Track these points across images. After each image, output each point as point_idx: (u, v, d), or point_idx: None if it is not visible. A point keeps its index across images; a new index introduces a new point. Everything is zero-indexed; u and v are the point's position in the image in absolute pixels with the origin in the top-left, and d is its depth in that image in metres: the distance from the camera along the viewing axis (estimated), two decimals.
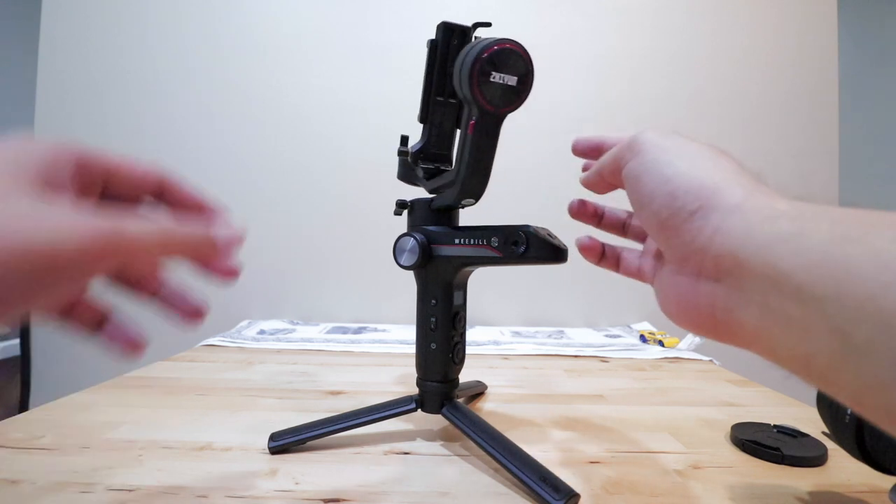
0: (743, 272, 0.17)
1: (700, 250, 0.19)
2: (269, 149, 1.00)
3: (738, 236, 0.17)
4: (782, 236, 0.16)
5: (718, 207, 0.18)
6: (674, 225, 0.20)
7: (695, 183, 0.20)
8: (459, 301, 0.37)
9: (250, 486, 0.31)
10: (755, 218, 0.17)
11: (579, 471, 0.34)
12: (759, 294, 0.16)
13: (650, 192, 0.21)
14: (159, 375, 0.57)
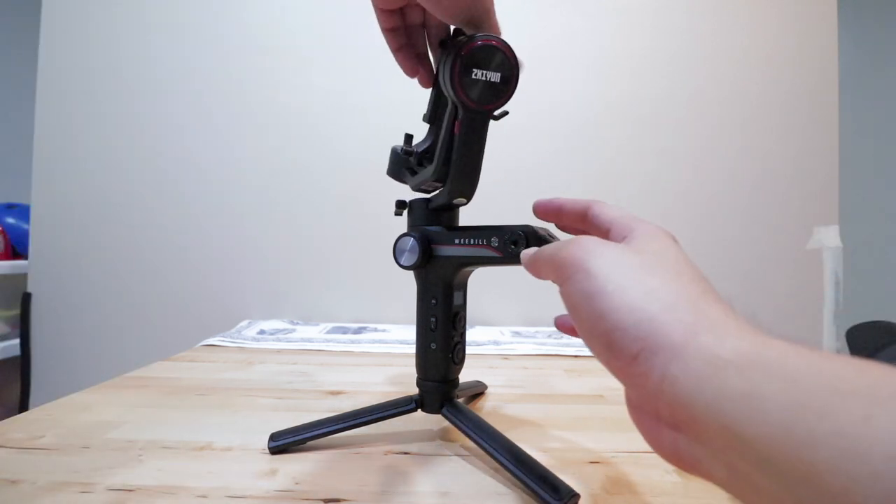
0: (700, 429, 0.15)
1: (653, 396, 0.17)
2: (269, 149, 1.00)
3: (685, 388, 0.16)
4: (733, 396, 0.14)
5: (660, 350, 0.16)
6: (620, 367, 0.18)
7: (630, 319, 0.17)
8: (459, 301, 0.37)
9: (250, 486, 0.31)
10: (699, 368, 0.15)
11: (579, 471, 0.34)
12: (722, 454, 0.15)
13: (588, 329, 0.19)
14: (159, 375, 0.57)
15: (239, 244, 0.99)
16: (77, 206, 1.00)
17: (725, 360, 0.15)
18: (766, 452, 0.13)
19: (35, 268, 1.00)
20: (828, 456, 0.12)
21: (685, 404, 0.16)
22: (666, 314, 0.17)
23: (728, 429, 0.14)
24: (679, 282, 0.19)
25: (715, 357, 0.15)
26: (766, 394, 0.13)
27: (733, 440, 0.14)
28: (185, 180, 1.00)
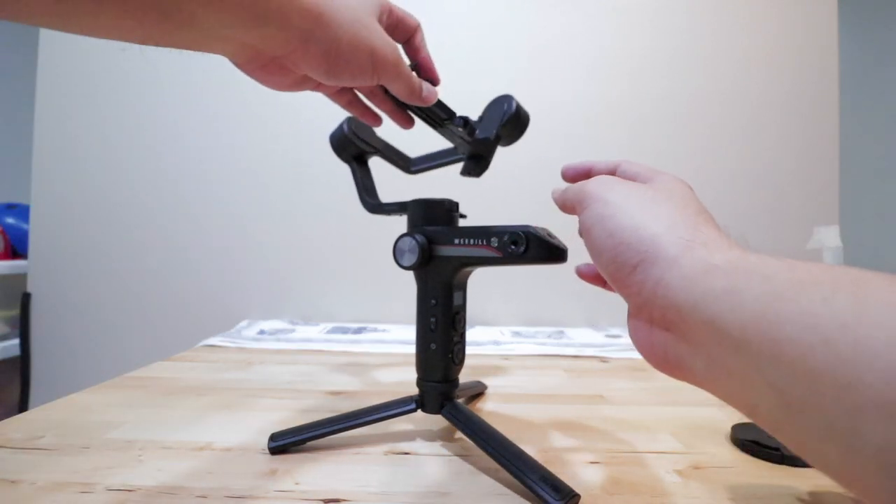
0: (686, 325, 0.18)
1: (647, 302, 0.20)
2: (269, 148, 1.00)
3: (677, 290, 0.18)
4: (718, 293, 0.16)
5: (657, 261, 0.19)
6: (621, 278, 0.21)
7: (634, 237, 0.20)
8: (459, 301, 0.37)
9: (250, 486, 0.31)
10: (692, 273, 0.18)
11: (579, 471, 0.34)
12: (703, 347, 0.17)
13: (598, 246, 0.22)
14: (159, 375, 0.57)
15: (239, 244, 0.99)
16: (77, 206, 1.00)
17: (714, 266, 0.17)
18: (741, 337, 0.15)
19: (35, 268, 1.00)
20: (790, 332, 0.14)
21: (676, 305, 0.18)
22: (666, 232, 0.20)
23: (710, 322, 0.16)
24: (683, 210, 0.21)
25: (705, 263, 0.18)
26: (744, 289, 0.16)
27: (714, 331, 0.16)
28: (185, 180, 1.00)
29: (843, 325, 0.13)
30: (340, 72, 0.28)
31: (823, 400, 0.13)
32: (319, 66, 0.27)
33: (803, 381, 0.13)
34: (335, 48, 0.27)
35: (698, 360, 0.18)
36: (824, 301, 0.13)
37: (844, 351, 0.12)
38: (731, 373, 0.16)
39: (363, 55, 0.28)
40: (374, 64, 0.29)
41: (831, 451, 0.13)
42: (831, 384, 0.12)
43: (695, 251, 0.19)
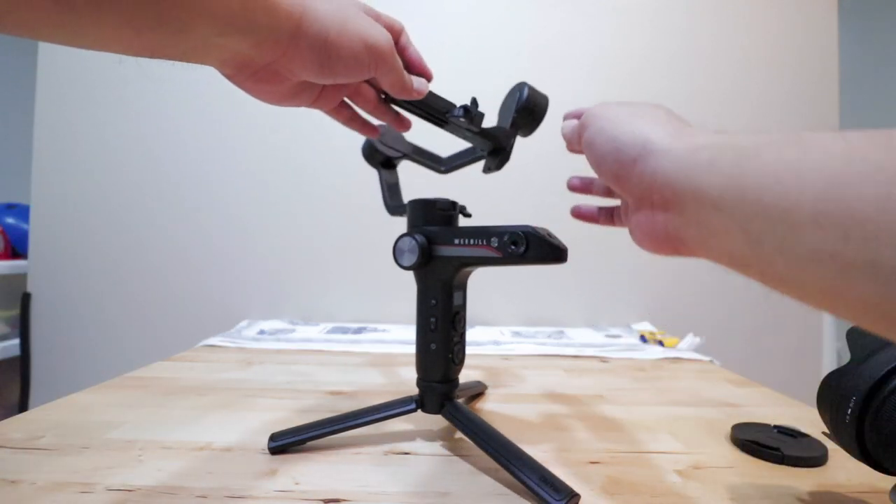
0: (680, 199, 0.21)
1: (647, 189, 0.23)
2: (269, 148, 1.00)
3: (671, 172, 0.22)
4: (702, 165, 0.20)
5: (653, 152, 0.23)
6: (624, 174, 0.24)
7: (631, 137, 0.24)
8: (459, 301, 0.37)
9: (250, 486, 0.31)
10: (681, 154, 0.22)
11: (579, 471, 0.34)
12: (693, 214, 0.21)
13: (602, 154, 0.26)
14: (159, 375, 0.57)
15: (239, 244, 0.99)
16: (77, 206, 1.00)
17: (698, 145, 0.21)
18: (719, 196, 0.19)
19: (35, 268, 1.00)
20: (753, 180, 0.18)
21: (671, 183, 0.22)
22: (657, 130, 0.24)
23: (696, 190, 0.20)
24: (668, 119, 0.25)
25: (691, 145, 0.21)
26: (721, 157, 0.19)
27: (699, 198, 0.20)
28: (185, 180, 1.00)
29: (789, 166, 0.17)
30: (334, 64, 0.28)
31: (774, 225, 0.17)
32: (312, 64, 0.27)
33: (761, 215, 0.17)
34: (323, 41, 0.27)
35: (691, 228, 0.21)
36: (779, 153, 0.17)
37: (789, 185, 0.16)
38: (714, 230, 0.20)
39: (356, 44, 0.28)
40: (368, 52, 0.28)
41: (782, 265, 0.17)
42: (779, 211, 0.16)
43: (682, 138, 0.22)
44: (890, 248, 0.14)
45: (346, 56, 0.28)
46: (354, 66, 0.29)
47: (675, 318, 0.96)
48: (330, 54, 0.27)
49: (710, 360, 0.69)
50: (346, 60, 0.28)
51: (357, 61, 0.28)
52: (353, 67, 0.29)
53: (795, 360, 0.98)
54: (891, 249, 0.14)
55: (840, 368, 0.29)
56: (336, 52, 0.27)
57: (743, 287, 0.98)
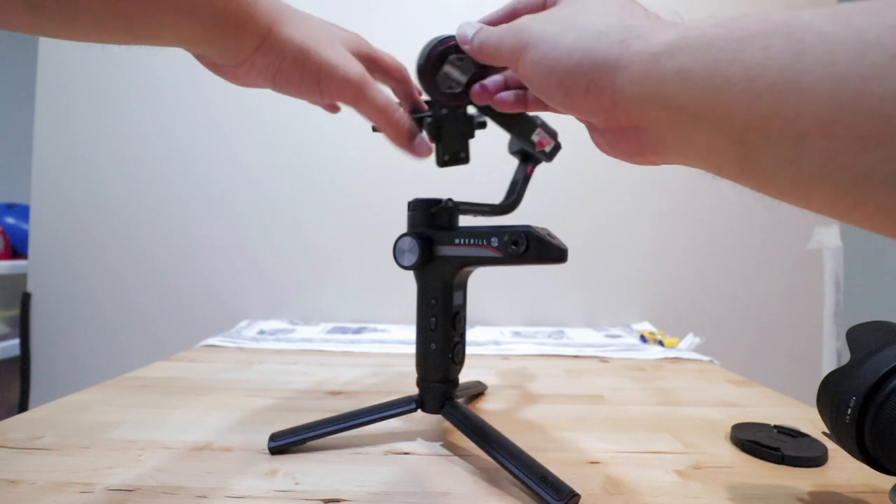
0: (650, 116, 0.19)
1: (610, 112, 0.20)
2: (269, 148, 1.00)
3: (632, 91, 0.19)
4: (669, 77, 0.17)
5: (604, 75, 0.19)
6: (578, 104, 0.21)
7: (571, 63, 0.20)
8: (459, 301, 0.37)
9: (250, 487, 0.31)
10: (639, 69, 0.18)
11: (579, 471, 0.34)
12: (668, 128, 0.19)
13: (546, 88, 0.22)
14: (159, 375, 0.57)
15: (239, 244, 0.99)
16: (77, 206, 1.00)
17: (656, 54, 0.18)
18: (697, 108, 0.17)
19: (35, 268, 1.00)
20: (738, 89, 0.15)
21: (636, 102, 0.19)
22: (598, 43, 0.20)
23: (668, 104, 0.18)
24: (605, 10, 0.21)
25: (647, 55, 0.18)
26: (690, 65, 0.17)
27: (674, 111, 0.18)
28: (185, 180, 1.00)
29: (783, 67, 0.14)
30: (284, 85, 0.30)
31: (773, 137, 0.15)
32: (265, 80, 0.30)
33: (755, 128, 0.15)
34: (278, 63, 0.29)
35: (668, 141, 0.19)
36: (764, 50, 0.14)
37: (787, 90, 0.14)
38: (696, 143, 0.18)
39: (308, 72, 0.29)
40: (319, 81, 0.29)
41: (785, 177, 0.15)
42: (779, 122, 0.14)
43: (633, 48, 0.19)
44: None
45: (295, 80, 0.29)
46: (305, 91, 0.30)
47: (675, 318, 0.96)
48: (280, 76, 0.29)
49: (710, 360, 0.69)
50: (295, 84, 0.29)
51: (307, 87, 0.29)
52: (304, 92, 0.30)
53: (795, 360, 0.98)
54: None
55: (840, 368, 0.29)
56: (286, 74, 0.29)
57: (743, 287, 0.99)
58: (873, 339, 0.28)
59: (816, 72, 0.13)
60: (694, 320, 0.96)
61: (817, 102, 0.13)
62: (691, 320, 0.96)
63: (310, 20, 0.30)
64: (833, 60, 0.13)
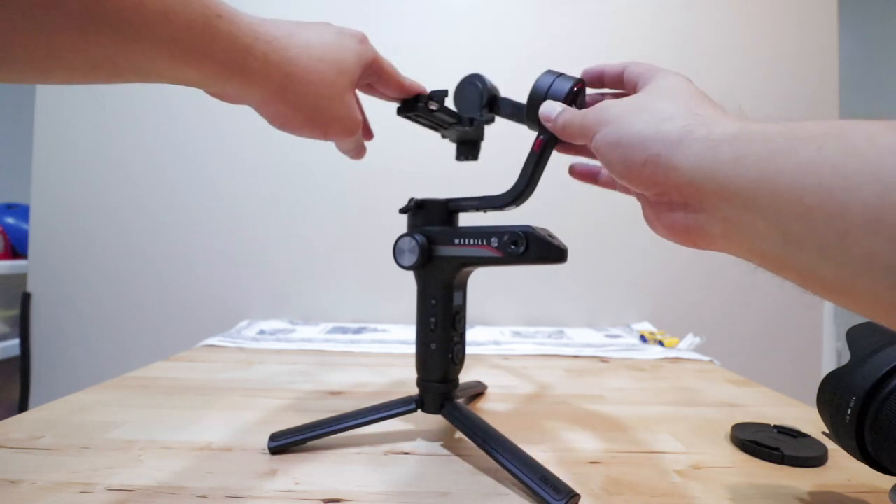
0: (702, 197, 0.20)
1: (663, 188, 0.22)
2: (269, 148, 1.00)
3: (688, 170, 0.20)
4: (726, 162, 0.19)
5: (662, 152, 0.21)
6: (635, 176, 0.23)
7: (638, 139, 0.23)
8: (459, 301, 0.37)
9: (250, 487, 0.31)
10: (698, 152, 0.20)
11: (579, 471, 0.34)
12: (718, 212, 0.20)
13: (610, 159, 0.24)
14: (159, 375, 0.57)
15: (239, 244, 0.99)
16: (77, 206, 1.00)
17: (717, 141, 0.19)
18: (749, 195, 0.18)
19: (35, 268, 1.00)
20: (789, 181, 0.16)
21: (690, 182, 0.20)
22: (663, 125, 0.22)
23: (722, 188, 0.19)
24: (677, 99, 0.23)
25: (708, 141, 0.20)
26: (748, 154, 0.18)
27: (726, 196, 0.19)
28: (185, 180, 1.00)
29: (834, 166, 0.15)
30: (290, 129, 0.31)
31: (818, 230, 0.15)
32: (273, 122, 0.30)
33: (801, 218, 0.16)
34: (290, 113, 0.29)
35: (715, 224, 0.20)
36: (818, 150, 0.16)
37: (835, 187, 0.15)
38: (743, 228, 0.19)
39: (318, 126, 0.31)
40: (326, 130, 0.31)
41: (827, 271, 0.16)
42: (824, 216, 0.15)
43: (696, 133, 0.20)
44: None
45: (305, 130, 0.31)
46: (309, 136, 0.31)
47: (675, 318, 0.96)
48: (291, 124, 0.30)
49: (710, 360, 0.69)
50: (301, 132, 0.31)
51: (312, 134, 0.31)
52: (308, 136, 0.32)
53: (795, 360, 0.98)
54: None
55: (840, 368, 0.29)
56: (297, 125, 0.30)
57: (743, 287, 0.98)
58: (873, 339, 0.28)
59: (865, 173, 0.14)
60: (694, 320, 0.96)
61: (862, 201, 0.14)
62: (691, 320, 0.96)
63: (320, 61, 0.29)
64: (880, 162, 0.14)
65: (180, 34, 0.21)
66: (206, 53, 0.22)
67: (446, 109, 0.37)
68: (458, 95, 0.39)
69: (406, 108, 0.37)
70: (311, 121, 0.30)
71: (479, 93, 0.38)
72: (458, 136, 0.43)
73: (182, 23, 0.21)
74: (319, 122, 0.30)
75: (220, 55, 0.23)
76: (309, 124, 0.30)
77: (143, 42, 0.20)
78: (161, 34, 0.20)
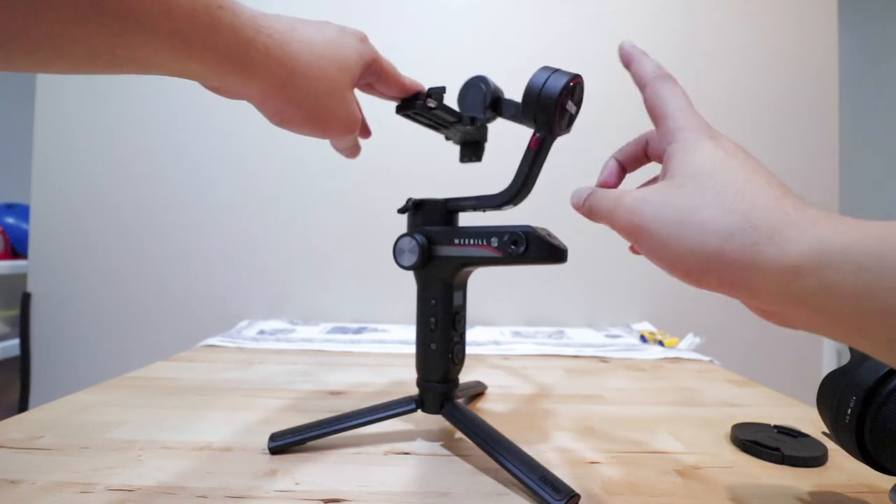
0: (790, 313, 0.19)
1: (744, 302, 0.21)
2: (269, 148, 1.00)
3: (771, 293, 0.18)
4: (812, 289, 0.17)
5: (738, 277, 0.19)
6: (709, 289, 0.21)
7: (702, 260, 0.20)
8: (459, 301, 0.37)
9: (250, 486, 0.31)
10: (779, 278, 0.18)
11: (579, 471, 0.34)
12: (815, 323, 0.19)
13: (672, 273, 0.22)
14: (159, 375, 0.57)
15: (239, 244, 0.99)
16: (77, 206, 1.00)
17: (798, 266, 0.17)
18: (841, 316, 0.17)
19: (35, 268, 1.00)
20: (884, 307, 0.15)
21: (775, 300, 0.19)
22: (726, 244, 0.19)
23: (812, 308, 0.17)
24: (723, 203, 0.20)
25: (787, 267, 0.18)
26: (837, 283, 0.16)
27: (816, 314, 0.18)
28: (185, 180, 1.00)
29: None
30: (290, 127, 0.30)
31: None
32: (273, 118, 0.30)
33: None
34: (291, 111, 0.29)
35: (819, 328, 0.19)
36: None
37: None
38: (836, 336, 0.18)
39: (318, 124, 0.30)
40: (325, 128, 0.31)
41: None
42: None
43: (767, 255, 0.18)
44: None
45: (305, 128, 0.30)
46: (308, 134, 0.31)
47: (675, 318, 0.96)
48: (292, 122, 0.30)
49: (710, 360, 0.69)
50: (301, 130, 0.31)
51: (312, 133, 0.31)
52: (307, 134, 0.31)
53: (795, 360, 0.98)
54: None
55: (840, 368, 0.29)
56: (297, 123, 0.30)
57: None
58: None
59: None
60: (694, 320, 0.96)
61: None
62: (691, 320, 0.96)
63: (321, 57, 0.28)
64: None
65: (182, 25, 0.20)
66: (207, 45, 0.22)
67: (445, 107, 0.37)
68: (462, 97, 0.39)
69: (404, 107, 0.37)
70: (311, 118, 0.29)
71: (483, 94, 0.38)
72: (461, 138, 0.43)
73: (184, 13, 0.20)
74: (319, 119, 0.30)
75: (221, 47, 0.23)
76: (309, 121, 0.30)
77: (144, 33, 0.19)
78: (162, 25, 0.20)
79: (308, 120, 0.30)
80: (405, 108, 0.37)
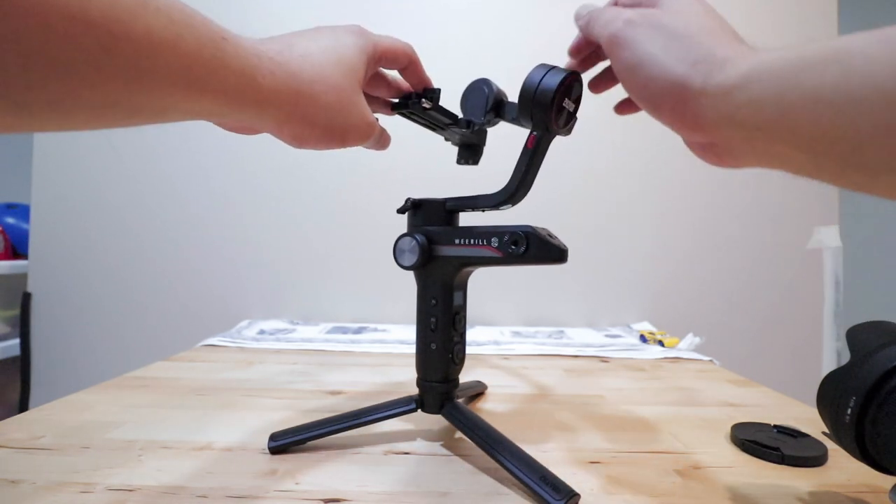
0: (727, 135, 0.23)
1: (690, 130, 0.24)
2: (269, 148, 1.00)
3: (710, 116, 0.22)
4: (741, 104, 0.21)
5: (688, 101, 0.23)
6: (664, 119, 0.25)
7: (664, 84, 0.24)
8: (459, 301, 0.37)
9: (250, 486, 0.31)
10: (716, 99, 0.22)
11: (579, 471, 0.34)
12: (745, 144, 0.22)
13: (636, 94, 0.26)
14: (159, 375, 0.57)
15: (239, 244, 0.99)
16: (77, 206, 1.00)
17: (732, 86, 0.21)
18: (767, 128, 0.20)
19: (35, 268, 1.00)
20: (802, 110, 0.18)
21: (712, 125, 0.23)
22: (688, 71, 0.23)
23: (743, 125, 0.21)
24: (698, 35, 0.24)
25: (724, 87, 0.22)
26: (759, 95, 0.20)
27: (750, 134, 0.21)
28: (185, 180, 1.00)
29: (836, 87, 0.17)
30: (310, 147, 0.31)
31: (838, 146, 0.18)
32: (293, 142, 0.30)
33: (821, 139, 0.18)
34: (307, 133, 0.29)
35: (746, 154, 0.23)
36: (820, 76, 0.18)
37: (842, 106, 0.17)
38: (770, 154, 0.22)
39: (335, 138, 0.31)
40: (343, 140, 0.31)
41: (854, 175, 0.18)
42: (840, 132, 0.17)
43: (714, 79, 0.22)
44: None
45: (322, 143, 0.31)
46: (327, 148, 0.31)
47: (675, 318, 0.96)
48: (309, 141, 0.30)
49: (710, 360, 0.69)
50: (320, 146, 0.31)
51: (329, 145, 0.31)
52: (326, 148, 0.31)
53: (795, 360, 0.98)
54: None
55: (840, 368, 0.29)
56: (314, 140, 0.30)
57: (743, 287, 0.99)
58: (873, 339, 0.28)
59: (865, 88, 0.16)
60: (694, 320, 0.96)
61: (867, 113, 0.16)
62: (691, 320, 0.96)
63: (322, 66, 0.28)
64: (876, 78, 0.16)
65: (191, 62, 0.21)
66: (218, 78, 0.22)
67: (441, 109, 0.37)
68: (465, 99, 0.39)
69: (400, 105, 0.37)
70: (327, 133, 0.30)
71: (485, 98, 0.38)
72: (459, 140, 0.43)
73: (192, 49, 0.20)
74: (335, 132, 0.30)
75: (231, 78, 0.23)
76: (325, 137, 0.30)
77: (156, 73, 0.20)
78: (172, 64, 0.20)
79: (325, 136, 0.30)
80: (401, 105, 0.37)
